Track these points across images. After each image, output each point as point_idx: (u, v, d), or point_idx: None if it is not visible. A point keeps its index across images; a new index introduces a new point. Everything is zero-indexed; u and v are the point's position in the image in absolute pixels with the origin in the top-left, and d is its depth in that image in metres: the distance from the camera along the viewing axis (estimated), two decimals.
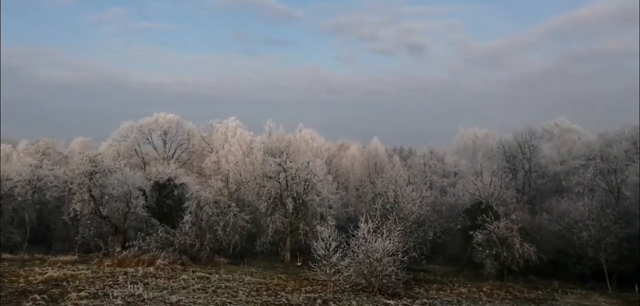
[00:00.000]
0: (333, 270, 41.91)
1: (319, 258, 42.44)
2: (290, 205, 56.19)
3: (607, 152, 70.47)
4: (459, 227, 58.27)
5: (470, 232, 54.51)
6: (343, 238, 44.16)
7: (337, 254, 42.21)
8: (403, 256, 43.65)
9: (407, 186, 60.32)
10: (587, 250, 52.19)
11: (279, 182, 57.72)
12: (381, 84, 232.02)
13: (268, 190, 57.59)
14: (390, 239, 43.17)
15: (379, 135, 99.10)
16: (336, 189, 69.78)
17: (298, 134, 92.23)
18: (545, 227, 57.62)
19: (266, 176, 58.60)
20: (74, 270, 44.24)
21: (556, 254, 55.78)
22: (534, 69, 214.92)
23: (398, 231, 47.35)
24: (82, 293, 35.61)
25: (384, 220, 49.36)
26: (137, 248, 50.96)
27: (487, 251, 52.26)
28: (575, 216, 54.40)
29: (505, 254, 51.59)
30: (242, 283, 42.47)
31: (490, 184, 61.00)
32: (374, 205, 54.66)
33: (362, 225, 43.22)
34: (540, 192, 77.53)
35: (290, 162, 59.76)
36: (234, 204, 57.13)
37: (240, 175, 68.78)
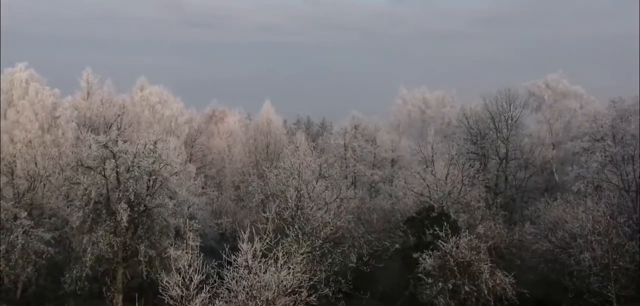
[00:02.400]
0: None
1: (172, 302, 42.15)
2: (123, 215, 55.17)
3: (622, 128, 75.82)
4: (398, 246, 59.74)
5: (415, 255, 55.97)
6: (213, 267, 43.96)
7: (204, 294, 42.15)
8: (310, 295, 44.09)
9: (317, 182, 60.92)
10: (590, 281, 55.65)
11: (104, 176, 56.61)
12: (279, 16, 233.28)
13: (86, 189, 56.32)
14: (289, 268, 43.56)
15: (273, 100, 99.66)
16: (203, 187, 69.39)
17: (138, 95, 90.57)
18: (529, 246, 60.55)
19: (82, 165, 57.19)
20: None
21: (544, 287, 58.85)
22: None
23: (302, 254, 47.87)
24: None
25: (280, 237, 49.77)
26: None
27: (440, 284, 53.87)
28: (574, 228, 57.39)
29: (467, 288, 53.56)
30: None
31: (447, 179, 63.09)
32: (265, 212, 54.92)
33: (244, 246, 43.31)
34: (523, 191, 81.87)
35: (125, 141, 58.52)
36: (24, 214, 55.31)
37: (36, 164, 66.64)
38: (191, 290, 42.16)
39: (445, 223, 56.48)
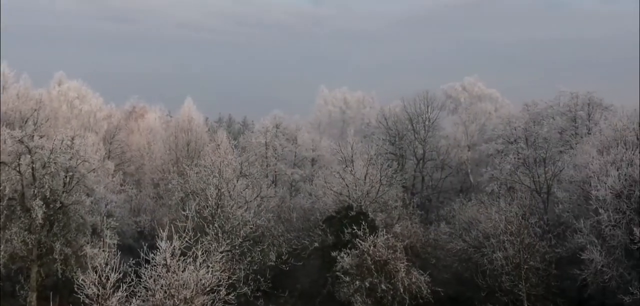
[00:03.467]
0: None
1: (88, 301, 41.50)
2: (38, 212, 54.20)
3: (534, 131, 77.94)
4: (317, 245, 60.07)
5: (333, 253, 56.55)
6: (131, 266, 43.41)
7: (120, 293, 41.62)
8: (229, 294, 44.07)
9: (237, 180, 60.77)
10: (501, 279, 56.94)
11: (19, 173, 55.49)
12: (202, 13, 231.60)
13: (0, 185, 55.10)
14: (208, 266, 43.35)
15: (195, 97, 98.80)
16: (121, 185, 68.44)
17: (56, 89, 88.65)
18: (444, 245, 61.68)
19: None
20: None
21: (458, 285, 60.04)
22: None
23: (222, 253, 47.64)
24: None
25: (199, 235, 49.46)
26: None
27: (358, 282, 54.57)
28: (487, 228, 58.73)
29: (383, 287, 54.30)
30: None
31: (366, 178, 63.73)
32: (185, 210, 54.54)
33: (162, 244, 42.91)
34: (439, 192, 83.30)
35: (41, 137, 57.40)
36: None
37: None
38: (108, 288, 41.59)
39: (363, 222, 57.13)
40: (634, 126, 60.61)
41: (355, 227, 56.63)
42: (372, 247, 55.42)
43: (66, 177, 56.33)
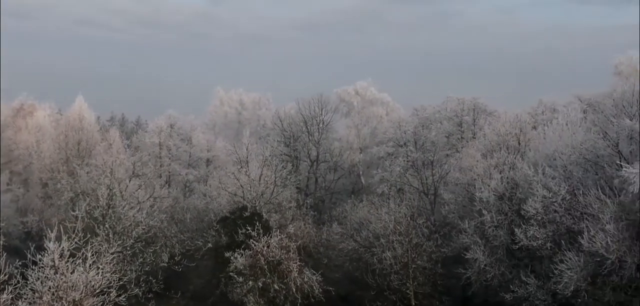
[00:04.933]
0: None
1: None
2: None
3: (423, 135, 79.83)
4: (211, 246, 59.75)
5: (227, 254, 56.39)
6: (17, 267, 42.05)
7: (5, 295, 40.30)
8: (119, 295, 43.44)
9: (130, 180, 59.90)
10: (390, 278, 58.06)
11: None
12: (99, 10, 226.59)
13: None
14: (98, 268, 42.50)
15: (88, 95, 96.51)
16: (8, 184, 66.51)
17: None
18: (336, 245, 62.43)
19: None
20: None
21: (349, 284, 60.79)
22: (339, 5, 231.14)
23: (113, 254, 46.66)
24: None
25: (89, 236, 48.44)
26: None
27: (251, 282, 54.73)
28: (377, 228, 59.81)
29: (276, 287, 54.63)
30: None
31: (260, 179, 63.90)
32: (74, 211, 53.30)
33: (50, 245, 41.81)
34: (331, 193, 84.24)
35: None
36: None
37: None
38: None
39: (257, 223, 57.29)
40: (516, 131, 62.90)
41: (249, 228, 56.70)
42: (265, 248, 55.62)
43: None
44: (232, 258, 56.10)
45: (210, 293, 59.06)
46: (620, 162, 48.90)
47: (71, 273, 41.58)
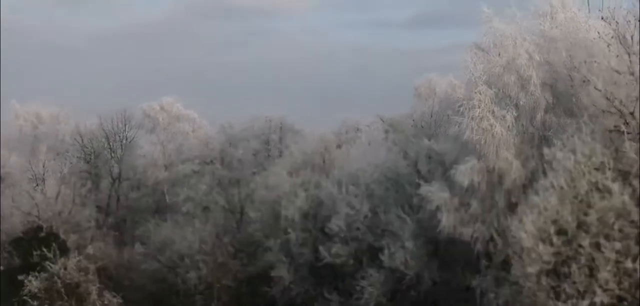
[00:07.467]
0: None
1: None
2: None
3: (230, 153, 79.47)
4: (2, 268, 57.07)
5: (21, 277, 53.85)
6: None
7: None
8: None
9: None
10: (195, 299, 57.59)
11: None
12: None
13: None
14: None
15: None
16: None
17: None
18: (138, 266, 61.11)
19: None
20: None
21: None
22: (147, 17, 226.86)
23: None
24: None
25: None
26: None
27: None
28: (182, 248, 59.31)
29: None
30: None
31: (58, 198, 61.50)
32: None
33: None
34: (134, 211, 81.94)
35: None
36: None
37: None
38: None
39: (54, 244, 55.23)
40: (321, 150, 64.24)
41: (45, 249, 54.38)
42: (62, 270, 53.58)
43: None
44: (26, 281, 53.48)
45: None
46: (419, 180, 50.98)
47: None
